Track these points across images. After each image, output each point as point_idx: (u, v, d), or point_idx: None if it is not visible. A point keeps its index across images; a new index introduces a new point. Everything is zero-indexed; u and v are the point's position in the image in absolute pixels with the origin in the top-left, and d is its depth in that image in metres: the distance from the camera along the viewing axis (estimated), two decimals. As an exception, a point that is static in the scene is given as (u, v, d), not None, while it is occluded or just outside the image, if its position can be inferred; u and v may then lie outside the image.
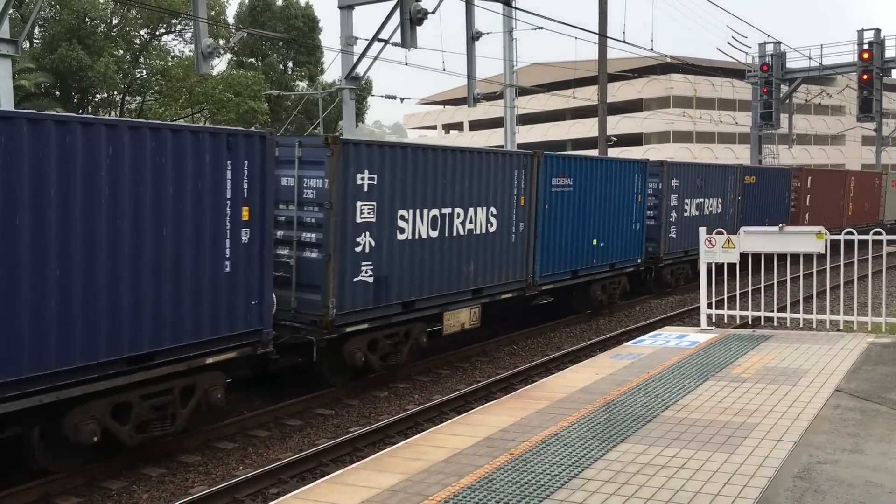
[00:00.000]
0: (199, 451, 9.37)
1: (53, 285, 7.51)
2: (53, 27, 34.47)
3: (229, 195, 9.10)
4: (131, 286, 8.15)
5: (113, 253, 7.98)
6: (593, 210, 16.72)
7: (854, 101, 37.45)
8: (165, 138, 8.41)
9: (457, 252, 12.96)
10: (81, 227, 7.70)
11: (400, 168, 11.75)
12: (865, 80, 34.30)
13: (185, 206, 8.62)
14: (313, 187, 10.85)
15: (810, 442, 6.42)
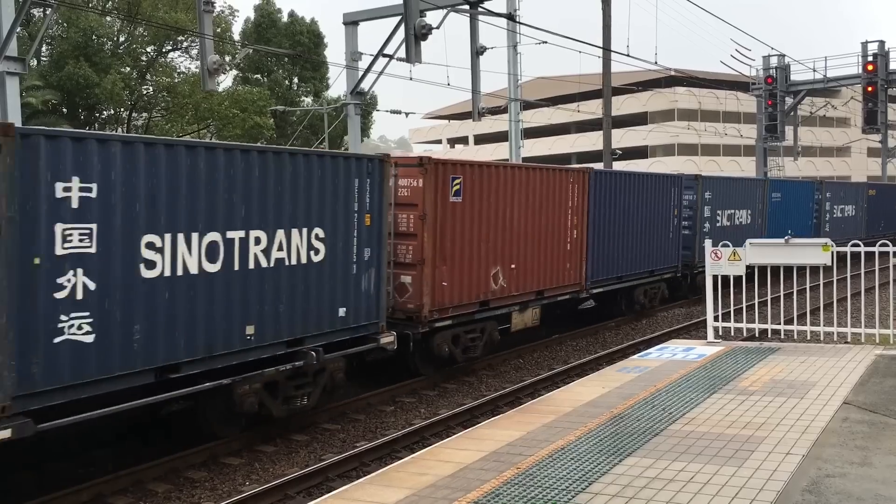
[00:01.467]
0: (206, 467, 9.35)
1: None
2: (60, 45, 34.73)
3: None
4: None
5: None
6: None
7: (859, 112, 37.43)
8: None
9: None
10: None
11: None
12: (870, 91, 34.29)
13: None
14: None
15: (819, 455, 6.39)
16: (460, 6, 19.00)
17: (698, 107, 67.38)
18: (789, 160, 42.31)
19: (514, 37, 23.30)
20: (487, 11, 19.59)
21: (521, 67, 23.80)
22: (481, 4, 19.30)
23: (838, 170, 77.04)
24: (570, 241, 15.82)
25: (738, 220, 23.19)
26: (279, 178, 9.69)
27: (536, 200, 14.68)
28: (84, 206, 7.69)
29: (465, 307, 13.18)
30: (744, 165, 65.92)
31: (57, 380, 7.53)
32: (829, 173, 72.79)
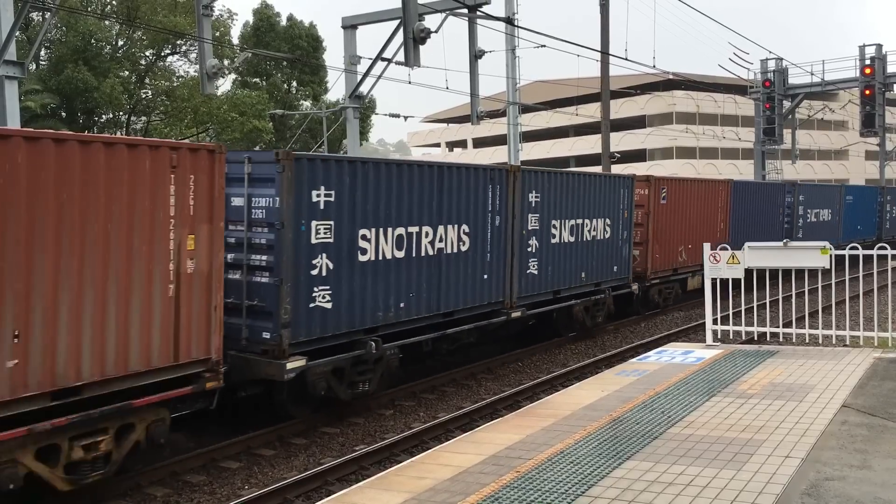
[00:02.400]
0: (205, 471, 9.35)
1: None
2: (59, 49, 34.75)
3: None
4: None
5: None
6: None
7: (857, 116, 37.48)
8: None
9: None
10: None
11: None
12: (868, 95, 34.33)
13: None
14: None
15: (818, 458, 6.39)
16: (459, 10, 19.03)
17: (696, 110, 67.47)
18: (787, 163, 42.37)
19: (513, 40, 23.33)
20: (486, 15, 19.63)
21: (519, 71, 23.83)
22: (479, 8, 19.34)
23: (836, 173, 77.14)
24: (719, 230, 22.01)
25: (822, 217, 28.96)
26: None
27: (702, 202, 21.36)
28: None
29: (665, 272, 19.97)
30: (742, 169, 65.98)
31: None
32: (827, 176, 72.90)
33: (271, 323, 9.81)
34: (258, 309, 9.92)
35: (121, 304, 7.85)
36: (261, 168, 9.91)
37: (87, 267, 7.57)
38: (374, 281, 11.14)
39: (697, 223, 20.97)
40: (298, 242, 9.93)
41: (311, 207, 10.11)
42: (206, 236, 8.63)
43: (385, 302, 11.35)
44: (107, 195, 7.71)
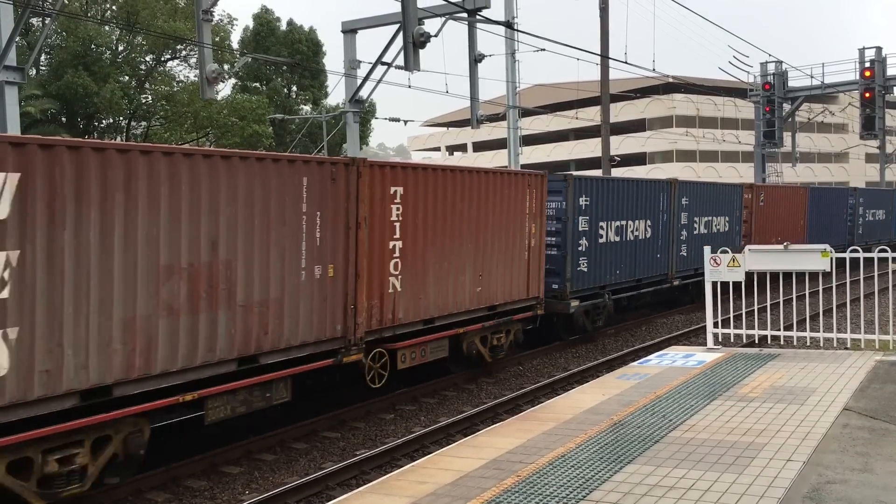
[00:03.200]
0: (206, 476, 9.34)
1: None
2: (60, 54, 34.78)
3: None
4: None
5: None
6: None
7: (857, 118, 37.51)
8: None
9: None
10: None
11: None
12: (868, 97, 34.37)
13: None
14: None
15: (819, 461, 6.38)
16: (458, 14, 19.05)
17: (696, 113, 67.53)
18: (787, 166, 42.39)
19: (513, 44, 23.35)
20: (485, 19, 19.64)
21: (519, 75, 23.84)
22: (479, 12, 19.36)
23: (836, 175, 77.15)
24: (800, 227, 26.71)
25: (878, 217, 34.12)
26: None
27: (788, 204, 26.27)
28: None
29: None
30: (742, 171, 66.02)
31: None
32: (828, 179, 72.91)
33: (559, 279, 16.18)
34: (551, 271, 15.83)
35: (507, 264, 14.08)
36: (553, 184, 15.68)
37: (495, 243, 13.73)
38: (606, 256, 17.39)
39: (785, 222, 25.81)
40: (573, 229, 16.18)
41: (578, 207, 16.27)
42: (538, 226, 14.95)
43: (611, 270, 17.64)
44: (502, 203, 13.86)
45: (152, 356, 8.31)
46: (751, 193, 24.09)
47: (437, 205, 12.40)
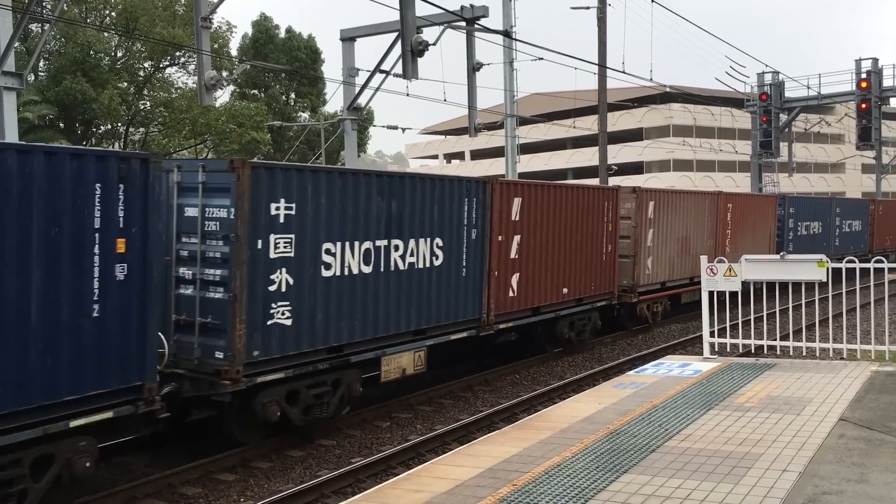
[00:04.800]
0: (200, 484, 9.31)
1: None
2: (58, 60, 34.81)
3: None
4: None
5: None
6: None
7: (853, 129, 37.62)
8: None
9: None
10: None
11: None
12: (864, 108, 34.48)
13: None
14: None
15: (815, 472, 6.38)
16: (457, 23, 19.10)
17: (693, 123, 67.69)
18: (784, 176, 42.49)
19: (511, 53, 23.41)
20: (484, 28, 19.70)
21: (517, 83, 23.89)
22: (478, 21, 19.41)
23: (833, 186, 77.33)
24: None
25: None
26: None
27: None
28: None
29: None
30: (739, 181, 66.15)
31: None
32: (824, 190, 73.08)
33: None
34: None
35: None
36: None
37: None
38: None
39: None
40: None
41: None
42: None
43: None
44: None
45: None
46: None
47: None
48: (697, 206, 21.24)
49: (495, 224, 13.71)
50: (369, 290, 11.14)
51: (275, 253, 9.80)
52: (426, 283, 12.28)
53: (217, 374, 9.31)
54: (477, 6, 19.23)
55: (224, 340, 9.34)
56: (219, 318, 9.40)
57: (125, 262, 8.12)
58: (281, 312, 9.89)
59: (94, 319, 7.84)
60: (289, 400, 10.18)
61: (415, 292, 12.04)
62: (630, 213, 18.41)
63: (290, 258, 9.98)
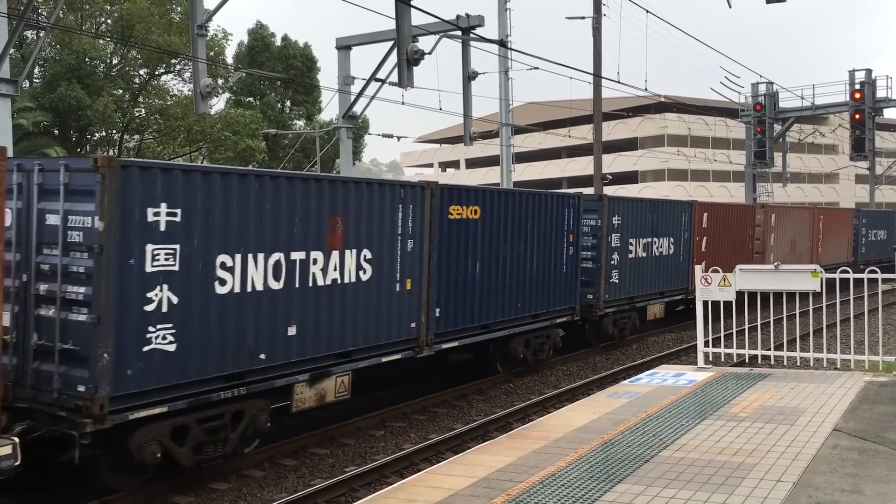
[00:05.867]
0: (193, 492, 9.26)
1: None
2: (53, 67, 34.78)
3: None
4: None
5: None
6: None
7: (847, 139, 37.77)
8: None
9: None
10: None
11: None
12: (857, 119, 34.63)
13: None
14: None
15: (809, 482, 6.38)
16: (452, 32, 19.16)
17: (688, 132, 67.89)
18: (778, 186, 42.62)
19: (506, 62, 23.49)
20: (479, 37, 19.76)
21: (512, 92, 23.98)
22: (473, 31, 19.47)
23: (827, 196, 77.63)
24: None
25: None
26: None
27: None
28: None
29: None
30: (733, 191, 66.35)
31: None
32: (818, 200, 73.34)
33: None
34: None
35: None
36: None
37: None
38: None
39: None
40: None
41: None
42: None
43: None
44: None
45: None
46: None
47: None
48: (802, 218, 28.17)
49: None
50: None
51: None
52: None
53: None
54: (472, 16, 19.29)
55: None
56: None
57: None
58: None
59: None
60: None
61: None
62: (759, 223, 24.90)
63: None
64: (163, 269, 8.48)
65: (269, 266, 9.62)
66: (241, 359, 9.37)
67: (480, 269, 13.52)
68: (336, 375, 10.83)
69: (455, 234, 12.89)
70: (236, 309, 9.25)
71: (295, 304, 10.00)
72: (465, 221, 13.08)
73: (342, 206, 10.68)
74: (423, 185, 12.38)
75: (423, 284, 12.20)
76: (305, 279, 10.13)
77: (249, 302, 9.41)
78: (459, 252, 13.04)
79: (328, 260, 10.46)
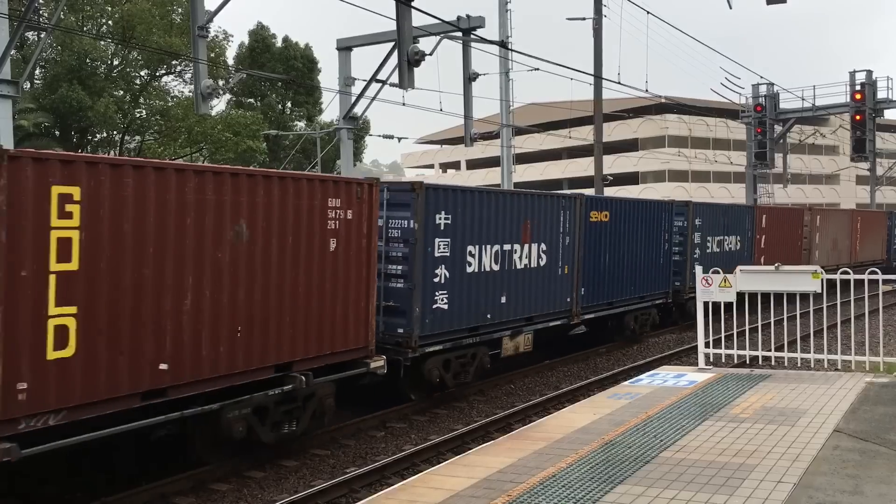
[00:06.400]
0: (194, 493, 9.26)
1: None
2: (54, 68, 34.80)
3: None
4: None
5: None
6: None
7: (847, 140, 37.78)
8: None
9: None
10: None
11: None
12: (858, 120, 34.63)
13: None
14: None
15: (810, 483, 6.37)
16: (453, 33, 19.16)
17: (689, 133, 67.88)
18: (779, 187, 42.62)
19: (507, 63, 23.50)
20: (480, 38, 19.76)
21: (512, 93, 24.00)
22: (474, 32, 19.48)
23: (827, 197, 77.61)
24: None
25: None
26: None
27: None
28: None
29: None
30: (734, 192, 66.30)
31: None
32: (819, 200, 73.34)
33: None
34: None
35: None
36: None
37: None
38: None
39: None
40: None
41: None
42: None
43: None
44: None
45: None
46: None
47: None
48: (842, 219, 31.60)
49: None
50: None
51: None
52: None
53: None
54: (473, 17, 19.30)
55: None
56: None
57: None
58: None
59: None
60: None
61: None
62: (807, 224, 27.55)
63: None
64: (442, 254, 12.80)
65: (493, 254, 13.91)
66: (478, 317, 13.64)
67: (608, 258, 17.56)
68: (524, 333, 15.09)
69: (593, 233, 16.99)
70: (476, 283, 13.52)
71: (505, 280, 14.22)
72: (600, 224, 17.27)
73: (530, 213, 14.85)
74: (576, 196, 16.66)
75: (574, 270, 16.30)
76: (511, 263, 14.38)
77: (482, 278, 13.69)
78: (596, 246, 17.14)
79: (522, 250, 14.69)
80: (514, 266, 14.45)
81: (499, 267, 13.98)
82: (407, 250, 12.27)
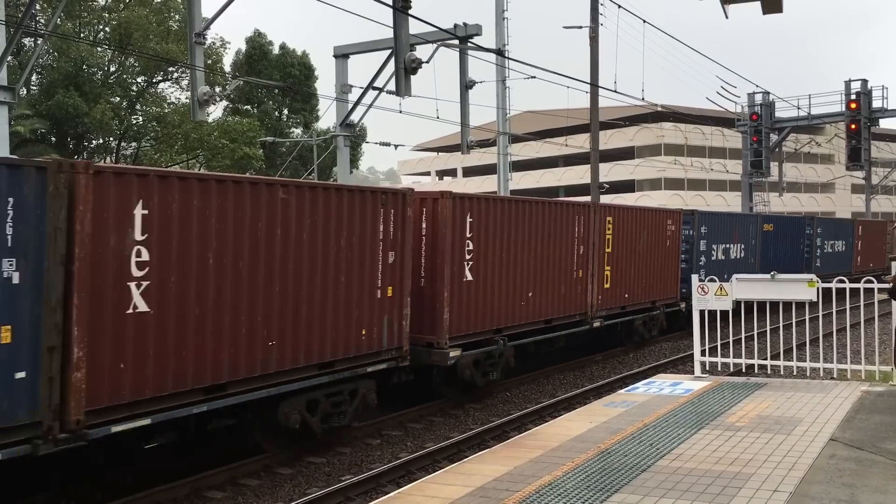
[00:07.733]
0: (189, 501, 9.23)
1: None
2: (51, 74, 34.79)
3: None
4: None
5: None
6: None
7: (843, 149, 37.90)
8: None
9: None
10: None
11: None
12: (853, 129, 34.75)
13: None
14: None
15: (806, 492, 6.37)
16: (450, 41, 19.22)
17: (685, 142, 68.07)
18: (774, 195, 42.73)
19: (503, 71, 23.53)
20: (477, 46, 19.82)
21: (509, 101, 24.02)
22: (471, 40, 19.53)
23: (823, 205, 77.84)
24: None
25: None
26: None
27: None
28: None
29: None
30: (730, 200, 66.46)
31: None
32: (814, 209, 73.55)
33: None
34: None
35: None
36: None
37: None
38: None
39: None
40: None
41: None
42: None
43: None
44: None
45: None
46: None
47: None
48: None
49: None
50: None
51: None
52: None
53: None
54: (470, 25, 19.35)
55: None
56: None
57: None
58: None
59: None
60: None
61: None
62: None
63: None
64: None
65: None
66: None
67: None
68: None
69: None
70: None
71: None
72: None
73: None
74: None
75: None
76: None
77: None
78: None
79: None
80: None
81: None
82: None
